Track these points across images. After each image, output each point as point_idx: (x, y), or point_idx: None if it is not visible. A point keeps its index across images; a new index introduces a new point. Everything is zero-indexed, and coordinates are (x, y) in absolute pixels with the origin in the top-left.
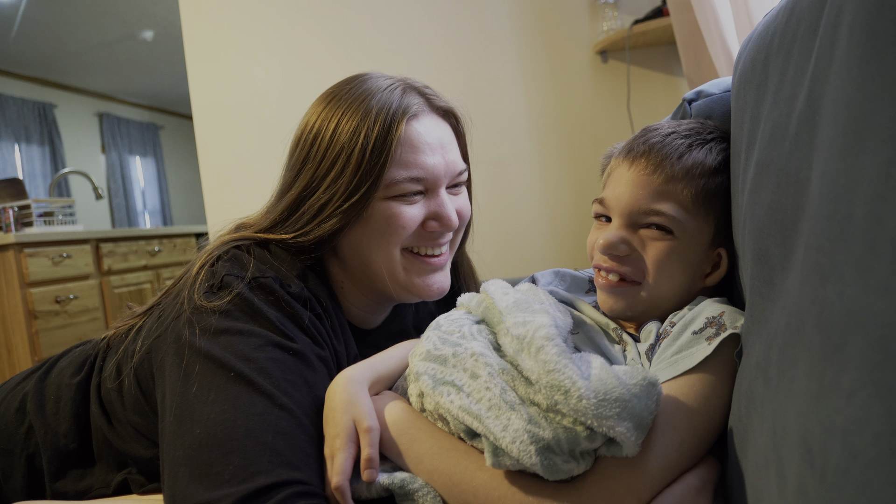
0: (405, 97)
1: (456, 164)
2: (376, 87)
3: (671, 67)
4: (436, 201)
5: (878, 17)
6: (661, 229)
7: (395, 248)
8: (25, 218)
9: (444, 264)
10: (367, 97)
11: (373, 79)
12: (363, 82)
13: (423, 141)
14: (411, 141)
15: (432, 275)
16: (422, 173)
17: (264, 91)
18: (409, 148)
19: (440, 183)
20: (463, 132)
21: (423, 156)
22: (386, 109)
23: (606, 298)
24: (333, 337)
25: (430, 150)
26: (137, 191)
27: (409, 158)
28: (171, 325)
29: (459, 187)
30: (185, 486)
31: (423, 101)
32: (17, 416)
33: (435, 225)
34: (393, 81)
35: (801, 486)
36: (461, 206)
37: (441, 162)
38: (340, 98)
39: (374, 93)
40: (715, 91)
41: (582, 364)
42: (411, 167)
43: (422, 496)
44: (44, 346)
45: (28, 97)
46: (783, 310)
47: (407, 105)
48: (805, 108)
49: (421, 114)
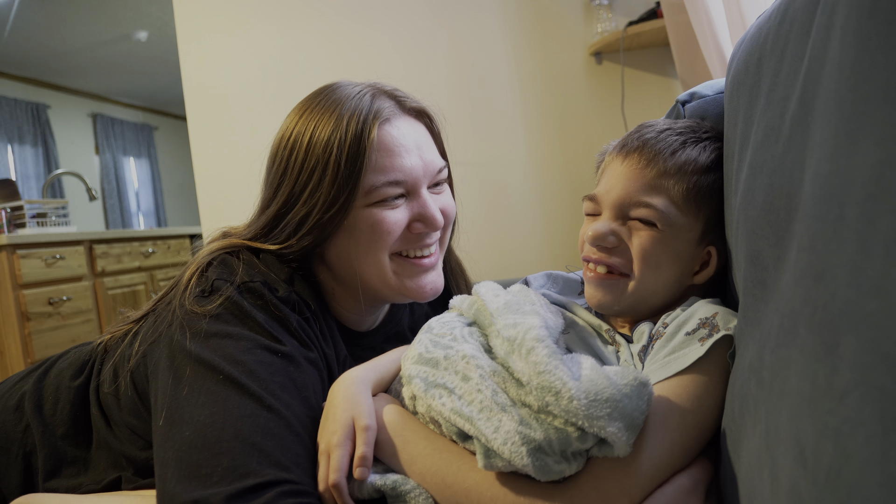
0: (375, 102)
1: (434, 162)
2: (346, 94)
3: (665, 69)
4: (418, 202)
5: (871, 18)
6: (646, 224)
7: (382, 254)
8: (18, 219)
9: (435, 264)
10: (338, 105)
11: (342, 87)
12: (333, 91)
13: (397, 143)
14: (385, 145)
15: (424, 276)
16: (400, 176)
17: (258, 92)
18: (384, 152)
19: (420, 184)
20: (438, 130)
21: (400, 158)
22: (357, 116)
23: (594, 291)
24: (322, 340)
25: (406, 152)
26: (131, 192)
27: (386, 163)
28: (164, 330)
29: (441, 186)
30: (174, 485)
31: (393, 104)
32: (14, 414)
33: (420, 227)
34: (362, 88)
35: (793, 487)
36: (445, 204)
37: (418, 162)
38: (312, 109)
39: (343, 101)
40: (708, 92)
41: (572, 365)
42: (388, 171)
43: (413, 497)
44: (36, 347)
45: (21, 97)
46: (776, 311)
47: (378, 109)
48: (798, 110)
49: (393, 117)
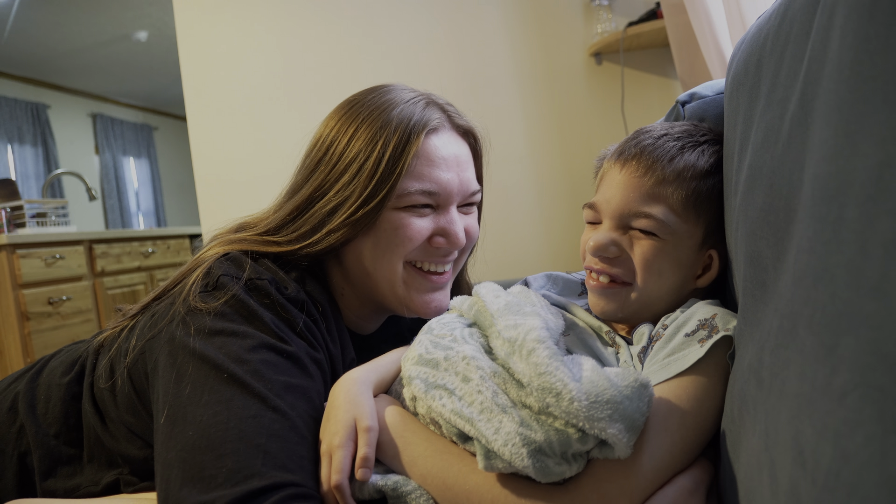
0: (427, 111)
1: (470, 183)
2: (399, 98)
3: (665, 69)
4: (446, 217)
5: (870, 19)
6: (647, 234)
7: (398, 259)
8: (18, 219)
9: (445, 283)
10: (389, 107)
11: (396, 90)
12: (387, 92)
13: (439, 155)
14: (428, 154)
15: (432, 293)
16: (434, 187)
17: (258, 92)
18: (424, 161)
19: (452, 199)
20: (481, 153)
21: (438, 170)
22: (406, 121)
23: (597, 300)
24: (330, 341)
25: (446, 166)
26: (131, 192)
27: (424, 171)
28: (165, 326)
29: (471, 207)
30: (178, 488)
31: (444, 117)
32: (8, 415)
33: (442, 241)
34: (417, 95)
35: (793, 487)
36: (470, 225)
37: (455, 179)
38: (362, 106)
39: (396, 104)
40: (708, 93)
41: (573, 366)
42: (424, 180)
43: (415, 499)
44: (36, 347)
45: (21, 97)
46: (776, 312)
47: (428, 118)
48: (797, 111)
49: (441, 129)
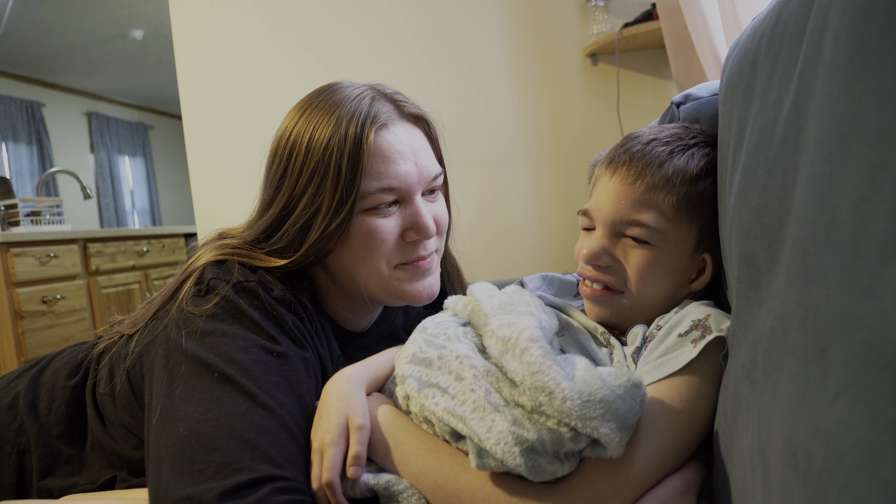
0: (374, 105)
1: (430, 169)
2: (346, 96)
3: (660, 71)
4: (411, 210)
5: (864, 21)
6: (639, 242)
7: (379, 261)
8: (12, 217)
9: (432, 266)
10: (338, 107)
11: (342, 88)
12: (334, 92)
13: (393, 150)
14: (381, 151)
15: (421, 280)
16: (394, 182)
17: (254, 92)
18: (379, 158)
19: (414, 191)
20: (436, 136)
21: (395, 165)
22: (356, 120)
23: (592, 307)
24: (317, 340)
25: (402, 159)
26: (126, 191)
27: (381, 169)
28: (161, 330)
29: (435, 193)
30: (167, 481)
31: (392, 109)
32: (9, 413)
33: (413, 235)
34: (362, 90)
35: (785, 488)
36: (438, 213)
37: (413, 169)
38: (313, 109)
39: (343, 102)
40: (703, 94)
41: (566, 365)
42: (382, 177)
43: (406, 498)
44: (30, 346)
45: (16, 96)
46: (769, 313)
47: (376, 113)
48: (791, 112)
49: (390, 122)
